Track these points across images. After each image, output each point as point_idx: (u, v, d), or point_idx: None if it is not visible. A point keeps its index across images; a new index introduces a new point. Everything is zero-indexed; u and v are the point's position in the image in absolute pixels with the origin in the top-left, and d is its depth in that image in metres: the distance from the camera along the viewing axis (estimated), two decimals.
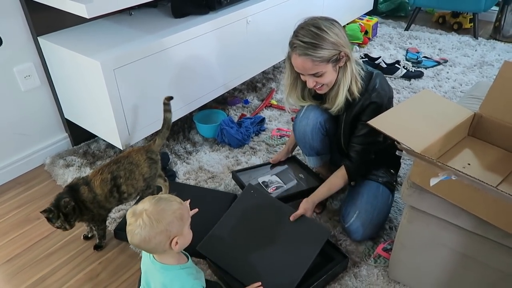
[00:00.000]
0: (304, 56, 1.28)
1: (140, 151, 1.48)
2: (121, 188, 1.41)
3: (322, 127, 1.49)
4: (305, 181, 1.65)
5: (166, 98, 1.57)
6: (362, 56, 2.78)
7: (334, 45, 1.28)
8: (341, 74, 1.34)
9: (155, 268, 1.08)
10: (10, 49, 1.68)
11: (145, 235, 0.99)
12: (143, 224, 0.99)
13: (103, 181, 1.38)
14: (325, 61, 1.29)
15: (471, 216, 1.04)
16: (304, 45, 1.28)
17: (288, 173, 1.70)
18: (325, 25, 1.28)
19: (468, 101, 1.46)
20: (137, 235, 1.00)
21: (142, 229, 0.99)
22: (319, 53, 1.27)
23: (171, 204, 1.04)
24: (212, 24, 1.88)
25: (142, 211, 1.01)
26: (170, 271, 1.07)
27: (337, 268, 1.35)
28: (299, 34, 1.30)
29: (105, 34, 1.75)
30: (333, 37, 1.28)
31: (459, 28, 3.34)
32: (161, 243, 1.02)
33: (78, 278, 1.41)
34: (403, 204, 1.63)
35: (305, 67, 1.31)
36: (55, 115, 1.94)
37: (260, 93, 2.47)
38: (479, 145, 1.26)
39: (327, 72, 1.32)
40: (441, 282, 1.23)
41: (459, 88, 2.50)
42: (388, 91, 1.41)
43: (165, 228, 1.01)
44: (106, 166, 1.41)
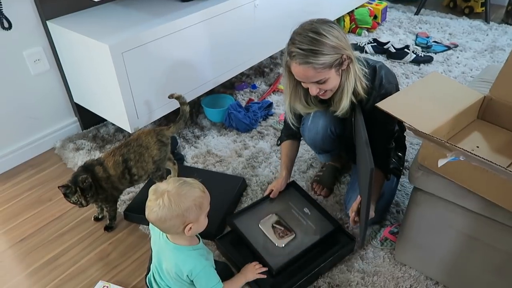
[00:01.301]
0: (305, 64, 1.19)
1: (150, 133, 1.49)
2: (132, 170, 1.44)
3: (332, 133, 1.43)
4: (313, 219, 1.44)
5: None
6: (370, 40, 2.75)
7: (336, 49, 1.19)
8: (345, 77, 1.26)
9: (168, 248, 1.10)
10: (20, 33, 1.69)
11: (162, 215, 1.01)
12: (162, 204, 1.01)
13: (116, 162, 1.40)
14: (328, 67, 1.20)
15: (478, 198, 1.04)
16: (303, 52, 1.18)
17: (291, 210, 1.47)
18: (323, 29, 1.18)
19: (478, 85, 1.45)
20: (154, 213, 1.02)
21: (160, 209, 1.01)
22: (321, 59, 1.18)
23: (194, 190, 1.06)
24: (219, 8, 1.87)
25: (164, 192, 1.02)
26: (183, 251, 1.09)
27: (343, 251, 1.36)
28: (296, 41, 1.19)
29: (114, 18, 1.75)
30: (334, 40, 1.18)
31: (470, 12, 3.28)
32: (175, 226, 1.04)
33: (89, 258, 1.44)
34: (410, 188, 1.62)
35: (307, 76, 1.22)
36: (65, 99, 1.95)
37: (268, 78, 2.47)
38: (488, 128, 1.25)
39: (331, 77, 1.23)
40: (448, 264, 1.24)
41: (469, 73, 2.47)
42: (393, 81, 1.35)
43: (182, 213, 1.03)
44: (117, 149, 1.43)
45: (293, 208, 1.47)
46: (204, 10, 1.80)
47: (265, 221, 1.42)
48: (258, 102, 2.16)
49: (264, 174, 1.76)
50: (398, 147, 1.55)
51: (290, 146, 1.56)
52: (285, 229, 1.38)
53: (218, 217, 1.48)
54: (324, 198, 1.63)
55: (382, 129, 1.35)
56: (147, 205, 1.04)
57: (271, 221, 1.42)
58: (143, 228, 1.54)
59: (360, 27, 3.00)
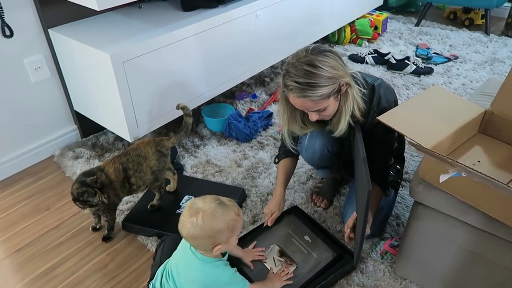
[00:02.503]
0: (303, 98, 1.18)
1: (149, 143, 1.49)
2: (131, 180, 1.43)
3: (329, 152, 1.42)
4: (314, 247, 1.39)
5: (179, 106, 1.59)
6: (371, 51, 2.76)
7: (332, 79, 1.17)
8: (343, 102, 1.25)
9: (195, 257, 1.10)
10: (21, 41, 1.69)
11: (193, 233, 1.04)
12: (195, 223, 1.03)
13: (116, 169, 1.40)
14: (326, 97, 1.19)
15: (480, 213, 1.03)
16: (300, 86, 1.16)
17: (291, 239, 1.42)
18: (318, 60, 1.15)
19: (479, 98, 1.44)
20: (186, 229, 1.05)
21: (193, 227, 1.03)
22: (318, 92, 1.16)
23: (229, 213, 1.07)
24: (221, 18, 1.87)
25: (199, 210, 1.04)
26: (210, 263, 1.11)
27: (345, 268, 1.35)
28: (292, 74, 1.17)
29: (115, 27, 1.76)
30: (330, 71, 1.16)
31: (471, 24, 3.29)
32: (204, 245, 1.07)
33: (87, 268, 1.42)
34: (411, 201, 1.62)
35: (306, 107, 1.22)
36: (65, 107, 1.95)
37: (268, 87, 2.47)
38: (489, 143, 1.25)
39: (330, 105, 1.22)
40: (449, 279, 1.23)
41: (469, 85, 2.47)
42: (392, 98, 1.34)
43: (214, 235, 1.05)
44: (117, 157, 1.43)
45: (294, 237, 1.42)
46: (206, 20, 1.81)
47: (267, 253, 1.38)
48: (258, 112, 2.16)
49: (263, 185, 1.75)
50: (397, 160, 1.55)
51: (288, 164, 1.54)
52: (286, 260, 1.35)
53: None
54: (324, 209, 1.62)
55: (382, 147, 1.35)
56: (181, 219, 1.07)
57: (272, 253, 1.37)
58: (141, 238, 1.52)
59: (361, 37, 3.02)
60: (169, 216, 1.56)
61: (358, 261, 1.33)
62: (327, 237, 1.42)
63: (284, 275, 1.27)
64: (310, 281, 1.29)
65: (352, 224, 1.31)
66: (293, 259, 1.35)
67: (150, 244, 1.49)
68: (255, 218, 1.60)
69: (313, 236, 1.42)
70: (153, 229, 1.52)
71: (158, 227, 1.52)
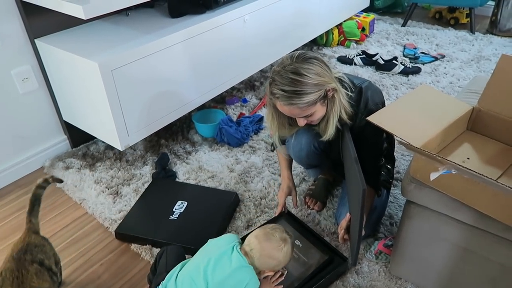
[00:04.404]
0: (290, 105, 1.19)
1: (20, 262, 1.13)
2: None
3: (316, 149, 1.43)
4: (305, 251, 1.39)
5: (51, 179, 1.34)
6: (359, 53, 2.78)
7: (318, 86, 1.18)
8: (330, 106, 1.26)
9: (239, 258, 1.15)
10: (8, 52, 1.67)
11: (276, 258, 1.16)
12: (284, 252, 1.17)
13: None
14: (313, 104, 1.20)
15: (471, 210, 1.04)
16: (286, 94, 1.17)
17: None
18: (303, 68, 1.16)
19: (466, 96, 1.46)
20: (273, 254, 1.16)
21: (278, 253, 1.16)
22: (305, 99, 1.17)
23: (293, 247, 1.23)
24: (209, 24, 1.88)
25: (287, 239, 1.19)
26: (251, 270, 1.16)
27: (335, 272, 1.34)
28: (278, 82, 1.18)
29: (103, 35, 1.75)
30: (315, 78, 1.17)
31: (456, 23, 3.34)
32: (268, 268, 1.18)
33: (80, 280, 1.41)
34: (404, 200, 1.63)
35: (294, 114, 1.24)
36: (54, 118, 1.93)
37: (259, 91, 2.47)
38: (478, 139, 1.26)
39: (317, 111, 1.24)
40: (443, 277, 1.24)
41: (457, 83, 2.50)
42: (379, 100, 1.36)
43: (283, 263, 1.19)
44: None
45: None
46: (194, 26, 1.81)
47: None
48: (249, 116, 2.16)
49: (257, 189, 1.75)
50: (387, 160, 1.56)
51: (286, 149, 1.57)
52: None
53: (211, 233, 1.45)
54: (318, 212, 1.63)
55: (371, 148, 1.36)
56: (272, 241, 1.17)
57: None
58: (135, 247, 1.51)
59: (349, 39, 3.04)
60: (162, 223, 1.55)
61: (356, 261, 1.34)
62: (318, 241, 1.42)
63: (274, 280, 1.25)
64: (301, 286, 1.28)
65: (346, 225, 1.31)
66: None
67: (144, 252, 1.48)
68: (249, 222, 1.59)
69: (304, 240, 1.42)
70: (146, 237, 1.51)
71: (151, 234, 1.50)
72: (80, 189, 1.78)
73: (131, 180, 1.82)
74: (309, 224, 1.55)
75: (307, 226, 1.50)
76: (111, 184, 1.79)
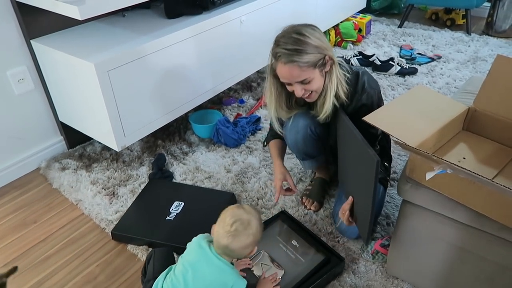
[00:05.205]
0: (290, 63, 1.23)
1: None
2: None
3: (313, 133, 1.45)
4: (302, 251, 1.39)
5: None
6: (356, 54, 2.78)
7: (318, 49, 1.24)
8: (328, 80, 1.30)
9: (218, 261, 1.11)
10: (3, 52, 1.67)
11: (248, 243, 1.10)
12: (251, 232, 1.09)
13: None
14: (312, 66, 1.25)
15: (467, 209, 1.04)
16: (288, 52, 1.23)
17: (279, 245, 1.42)
18: (305, 30, 1.24)
19: (462, 96, 1.47)
20: (242, 242, 1.09)
21: (248, 238, 1.09)
22: (305, 58, 1.23)
23: (259, 215, 1.16)
24: (205, 24, 1.88)
25: (250, 220, 1.10)
26: (231, 269, 1.13)
27: (333, 271, 1.34)
28: (280, 42, 1.25)
29: (99, 36, 1.75)
30: (316, 41, 1.24)
31: (452, 24, 3.35)
32: (250, 250, 1.13)
33: (76, 281, 1.40)
34: (400, 200, 1.63)
35: (293, 75, 1.26)
36: (50, 118, 1.93)
37: (256, 92, 2.47)
38: (474, 139, 1.27)
39: (315, 78, 1.27)
40: (439, 276, 1.24)
41: (453, 83, 2.51)
42: (375, 86, 1.40)
43: (259, 239, 1.13)
44: None
45: (281, 242, 1.42)
46: (190, 27, 1.81)
47: (253, 260, 1.36)
48: (246, 117, 2.16)
49: (254, 189, 1.74)
50: (384, 157, 1.56)
51: (278, 143, 1.60)
52: (274, 266, 1.34)
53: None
54: (315, 212, 1.63)
55: (365, 133, 1.36)
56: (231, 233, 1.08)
57: (259, 259, 1.36)
58: (131, 248, 1.50)
59: (346, 40, 3.05)
60: (159, 223, 1.54)
61: (368, 240, 1.33)
62: (314, 241, 1.42)
63: (273, 281, 1.26)
64: (298, 286, 1.28)
65: (348, 207, 1.31)
66: (280, 265, 1.34)
67: (140, 253, 1.48)
68: None
69: (300, 240, 1.42)
70: (143, 237, 1.50)
71: (148, 235, 1.50)
72: (76, 190, 1.77)
73: (128, 180, 1.81)
74: (306, 224, 1.55)
75: (304, 226, 1.50)
76: (108, 185, 1.78)
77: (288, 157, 1.91)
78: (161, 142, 2.05)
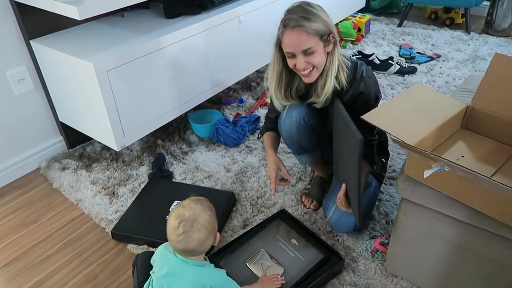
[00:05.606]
0: (299, 28, 1.27)
1: None
2: None
3: (306, 124, 1.45)
4: (301, 250, 1.39)
5: None
6: (355, 53, 2.79)
7: (326, 23, 1.30)
8: (329, 61, 1.34)
9: (188, 266, 1.08)
10: (3, 53, 1.67)
11: (203, 237, 1.06)
12: (200, 226, 1.05)
13: None
14: (318, 36, 1.28)
15: (465, 207, 1.04)
16: (298, 17, 1.27)
17: (279, 243, 1.41)
18: (316, 5, 1.32)
19: (460, 95, 1.47)
20: (196, 239, 1.05)
21: (200, 232, 1.05)
22: (313, 25, 1.27)
23: (206, 202, 1.12)
24: (204, 24, 1.88)
25: (194, 216, 1.06)
26: (205, 266, 1.12)
27: (333, 270, 1.35)
28: (291, 11, 1.31)
29: (98, 36, 1.75)
30: (324, 16, 1.31)
31: (451, 23, 3.35)
32: (212, 241, 1.10)
33: (76, 281, 1.40)
34: (399, 198, 1.63)
35: (299, 40, 1.28)
36: (50, 119, 1.93)
37: (255, 92, 2.48)
38: (472, 137, 1.27)
39: (319, 50, 1.30)
40: (439, 275, 1.24)
41: (452, 82, 2.51)
42: (373, 77, 1.42)
43: (214, 225, 1.10)
44: None
45: (280, 241, 1.42)
46: (189, 27, 1.81)
47: (253, 259, 1.36)
48: (245, 116, 2.17)
49: (253, 189, 1.75)
50: (382, 153, 1.57)
51: (272, 134, 1.61)
52: (274, 264, 1.34)
53: None
54: (314, 211, 1.63)
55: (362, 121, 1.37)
56: (182, 238, 1.04)
57: (259, 258, 1.36)
58: (131, 247, 1.51)
59: (345, 40, 3.05)
60: (159, 223, 1.54)
61: (361, 223, 1.34)
62: (314, 240, 1.43)
63: (275, 280, 1.26)
64: (298, 284, 1.28)
65: (343, 194, 1.34)
66: (280, 263, 1.34)
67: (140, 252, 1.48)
68: (246, 222, 1.59)
69: (300, 239, 1.43)
70: (143, 237, 1.51)
71: (148, 234, 1.50)
72: (76, 189, 1.78)
73: (128, 180, 1.82)
74: (305, 223, 1.55)
75: (304, 225, 1.50)
76: (108, 185, 1.79)
77: (288, 156, 1.92)
78: (161, 141, 2.05)
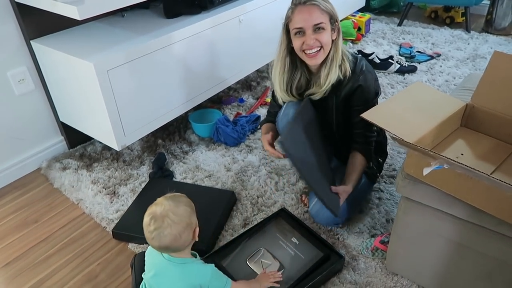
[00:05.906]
0: (311, 3, 1.29)
1: None
2: None
3: None
4: (302, 248, 1.39)
5: None
6: (355, 52, 2.79)
7: (334, 11, 1.33)
8: (334, 49, 1.35)
9: (174, 266, 1.09)
10: (3, 53, 1.68)
11: (176, 232, 1.05)
12: (171, 222, 1.04)
13: None
14: (329, 16, 1.31)
15: (465, 205, 1.04)
16: None
17: (279, 242, 1.42)
18: None
19: (460, 93, 1.47)
20: (168, 235, 1.04)
21: (172, 228, 1.04)
22: (325, 3, 1.31)
23: (182, 197, 1.12)
24: (204, 24, 1.88)
25: (165, 212, 1.05)
26: (191, 263, 1.12)
27: (333, 268, 1.35)
28: None
29: (98, 36, 1.76)
30: (332, 5, 1.34)
31: (451, 22, 3.35)
32: (188, 236, 1.09)
33: (77, 280, 1.41)
34: (399, 197, 1.63)
35: (312, 14, 1.29)
36: (50, 118, 1.94)
37: (255, 91, 2.48)
38: (471, 135, 1.27)
39: (327, 30, 1.32)
40: (439, 272, 1.24)
41: (452, 81, 2.51)
42: (373, 72, 1.43)
43: (190, 220, 1.08)
44: None
45: (281, 239, 1.42)
46: (189, 27, 1.82)
47: (253, 257, 1.36)
48: (245, 115, 2.17)
49: (253, 188, 1.75)
50: (380, 153, 1.57)
51: (271, 125, 1.61)
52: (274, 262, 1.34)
53: (208, 233, 1.46)
54: None
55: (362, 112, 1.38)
56: (155, 234, 1.04)
57: (259, 256, 1.37)
58: (132, 246, 1.51)
59: (345, 39, 3.05)
60: None
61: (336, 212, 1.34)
62: (314, 238, 1.43)
63: (272, 276, 1.27)
64: (297, 282, 1.28)
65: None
66: (280, 261, 1.34)
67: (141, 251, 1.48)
68: (246, 221, 1.60)
69: (300, 237, 1.43)
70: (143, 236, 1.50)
71: None
72: (77, 189, 1.78)
73: (128, 180, 1.82)
74: (305, 221, 1.55)
75: (304, 224, 1.50)
76: (108, 184, 1.79)
77: None
78: (161, 141, 2.06)
